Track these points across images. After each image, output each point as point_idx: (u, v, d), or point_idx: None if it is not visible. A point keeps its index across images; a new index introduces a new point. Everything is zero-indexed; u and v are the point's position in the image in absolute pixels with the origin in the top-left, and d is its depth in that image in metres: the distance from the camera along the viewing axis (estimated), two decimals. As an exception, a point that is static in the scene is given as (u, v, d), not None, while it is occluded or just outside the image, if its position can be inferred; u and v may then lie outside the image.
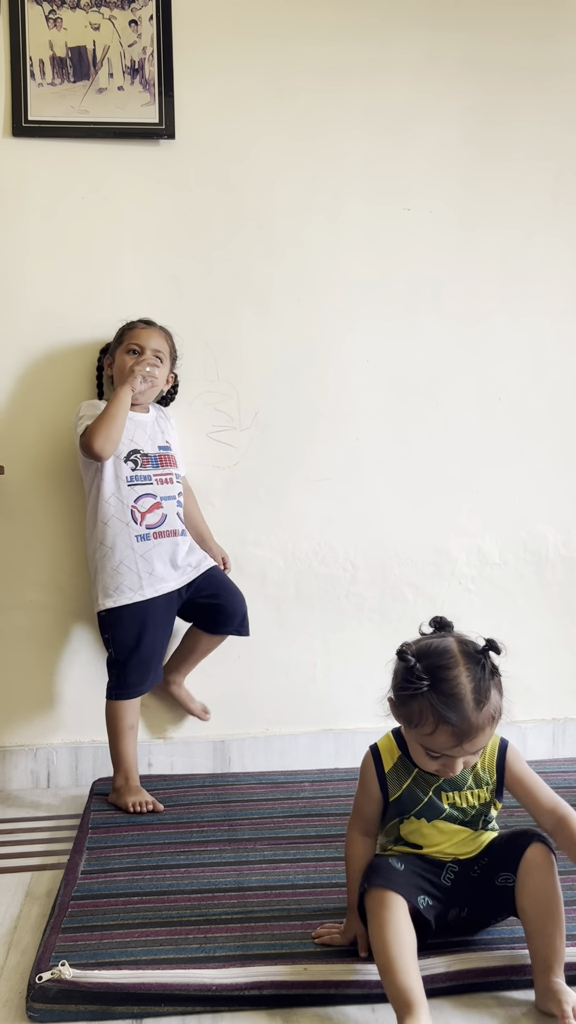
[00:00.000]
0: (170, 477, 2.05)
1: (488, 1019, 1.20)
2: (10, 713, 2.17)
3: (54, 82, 2.14)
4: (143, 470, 2.02)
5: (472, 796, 1.32)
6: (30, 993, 1.22)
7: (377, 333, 2.26)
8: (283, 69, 2.21)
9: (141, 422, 2.06)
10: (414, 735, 1.25)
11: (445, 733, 1.20)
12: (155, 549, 1.99)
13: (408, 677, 1.21)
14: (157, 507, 2.01)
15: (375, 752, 1.35)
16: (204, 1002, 1.22)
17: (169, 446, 2.09)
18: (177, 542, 2.02)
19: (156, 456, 2.05)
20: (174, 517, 2.03)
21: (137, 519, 1.99)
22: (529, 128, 2.29)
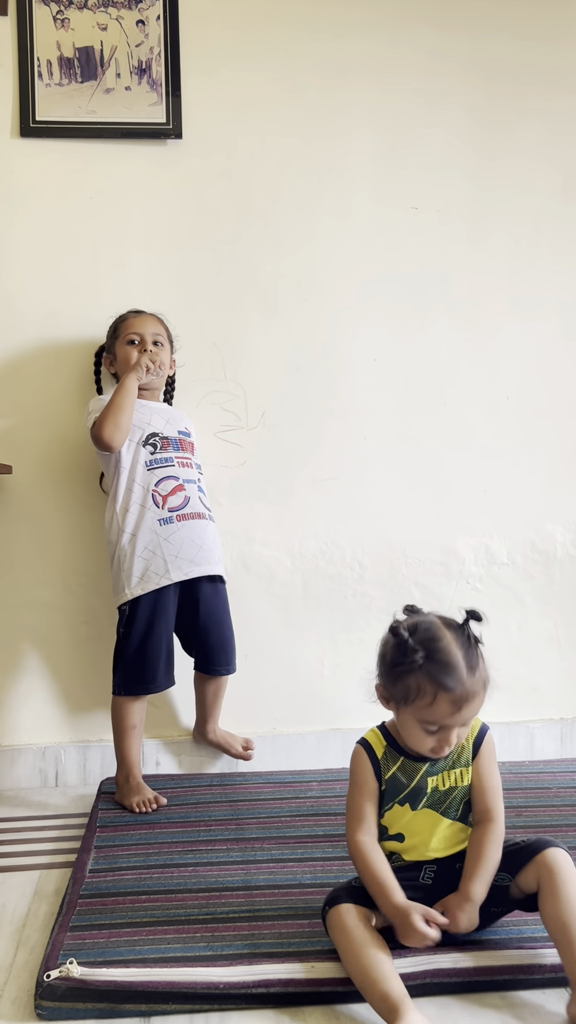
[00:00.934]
0: (190, 462, 2.04)
1: (495, 1018, 1.19)
2: (18, 712, 2.17)
3: (62, 82, 2.14)
4: (163, 452, 2.00)
5: (453, 776, 1.33)
6: (38, 991, 1.22)
7: (385, 332, 2.26)
8: (290, 68, 2.22)
9: (156, 409, 2.06)
10: (411, 712, 1.26)
11: (444, 701, 1.23)
12: (179, 532, 1.96)
13: (403, 652, 1.25)
14: (179, 489, 1.98)
15: (364, 743, 1.36)
16: (212, 1000, 1.22)
17: (188, 433, 2.07)
18: (205, 526, 2.00)
19: (176, 440, 2.03)
20: (197, 500, 2.00)
21: (159, 503, 1.96)
22: (536, 126, 2.29)
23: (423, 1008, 1.20)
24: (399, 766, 1.34)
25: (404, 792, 1.33)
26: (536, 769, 2.13)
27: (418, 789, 1.33)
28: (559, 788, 1.99)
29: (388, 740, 1.36)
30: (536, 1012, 1.21)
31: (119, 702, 1.98)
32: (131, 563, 1.95)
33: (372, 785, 1.34)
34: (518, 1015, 1.20)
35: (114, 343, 2.06)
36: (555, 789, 1.98)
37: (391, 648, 1.28)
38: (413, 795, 1.33)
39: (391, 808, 1.34)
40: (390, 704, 1.31)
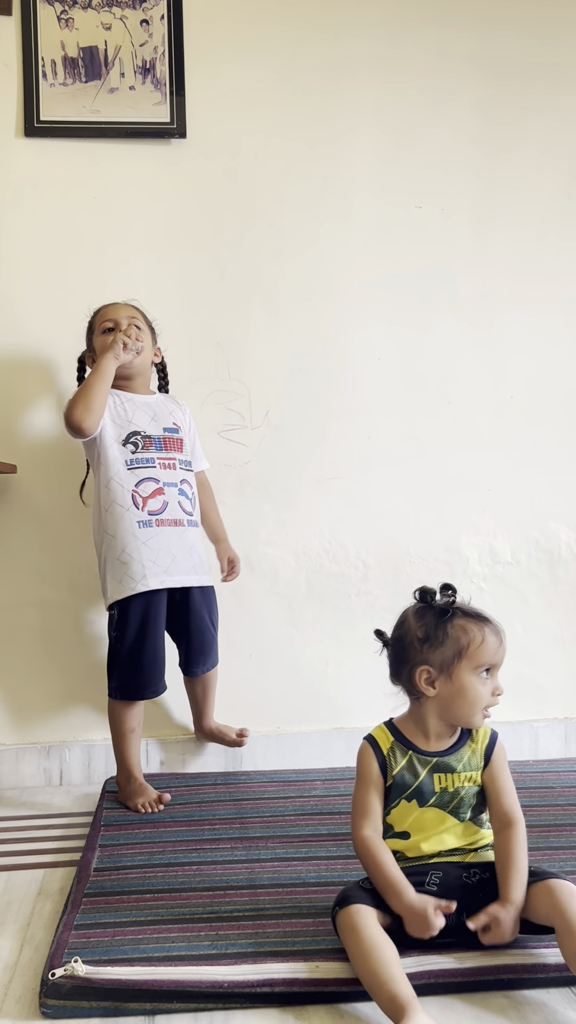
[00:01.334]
0: (174, 462, 1.96)
1: (499, 1018, 1.19)
2: (23, 711, 2.18)
3: (66, 82, 2.15)
4: (145, 452, 1.93)
5: (461, 779, 1.34)
6: (43, 989, 1.22)
7: (388, 331, 2.26)
8: (294, 67, 2.22)
9: (142, 403, 1.99)
10: (466, 664, 1.31)
11: (492, 633, 1.33)
12: (158, 537, 1.91)
13: (440, 611, 1.33)
14: (159, 492, 1.92)
15: (370, 739, 1.37)
16: (216, 999, 1.22)
17: (177, 429, 2.00)
18: (183, 533, 1.94)
19: (160, 439, 1.96)
20: (176, 506, 1.94)
21: (139, 504, 1.91)
22: (541, 124, 2.29)
23: (427, 1007, 1.20)
24: (407, 761, 1.34)
25: (411, 788, 1.33)
26: (540, 769, 2.13)
27: (424, 785, 1.33)
28: (563, 787, 1.99)
29: (396, 735, 1.36)
30: (540, 1011, 1.20)
31: (116, 706, 1.96)
32: (113, 566, 1.91)
33: (378, 780, 1.34)
34: (522, 1014, 1.20)
35: (92, 338, 2.01)
36: (559, 788, 1.98)
37: (425, 621, 1.33)
38: (420, 791, 1.33)
39: (398, 804, 1.34)
40: (437, 682, 1.32)
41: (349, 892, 1.29)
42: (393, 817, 1.35)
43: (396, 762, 1.34)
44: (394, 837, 1.35)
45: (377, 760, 1.35)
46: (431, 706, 1.34)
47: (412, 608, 1.37)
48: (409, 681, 1.34)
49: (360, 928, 1.20)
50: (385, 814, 1.35)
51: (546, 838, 1.67)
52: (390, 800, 1.34)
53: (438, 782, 1.34)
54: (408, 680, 1.34)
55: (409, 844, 1.34)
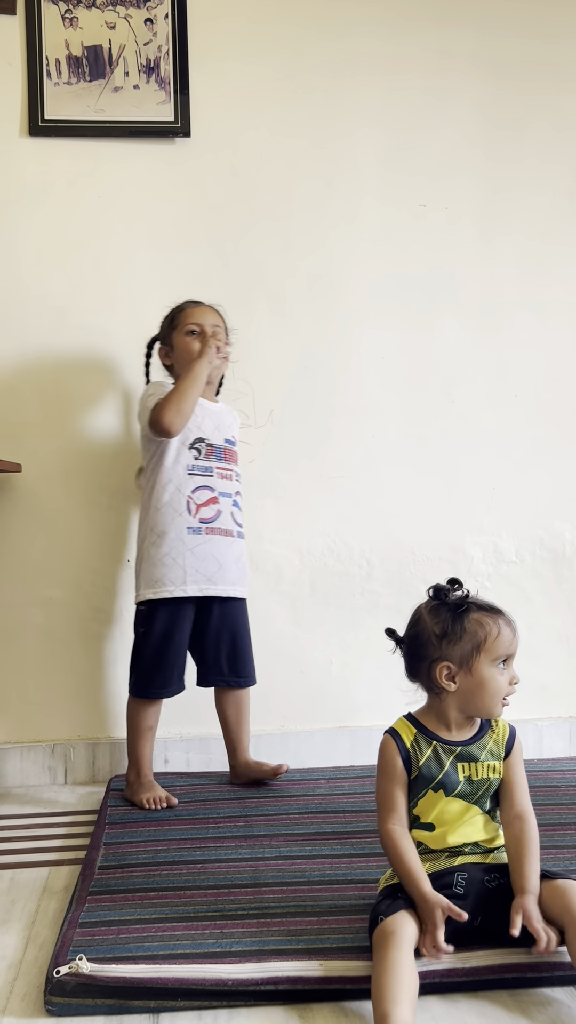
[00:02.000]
0: (230, 474, 1.99)
1: (503, 1016, 1.19)
2: (28, 709, 2.18)
3: (70, 81, 2.15)
4: (206, 460, 1.94)
5: (485, 768, 1.35)
6: (48, 987, 1.23)
7: (393, 330, 2.26)
8: (298, 66, 2.22)
9: (210, 410, 1.99)
10: (485, 656, 1.32)
11: (506, 625, 1.34)
12: (205, 545, 1.93)
13: (455, 606, 1.35)
14: (213, 502, 1.94)
15: (392, 732, 1.37)
16: (220, 997, 1.22)
17: (234, 441, 2.02)
18: (229, 544, 1.95)
19: (221, 449, 1.97)
20: (228, 516, 1.96)
21: (192, 510, 1.92)
22: (545, 123, 2.29)
23: (430, 1006, 1.20)
24: (432, 751, 1.35)
25: (437, 778, 1.34)
26: (544, 767, 2.12)
27: (449, 775, 1.34)
28: (567, 786, 1.99)
29: (418, 726, 1.37)
30: (544, 1011, 1.20)
31: (135, 703, 1.97)
32: (152, 565, 1.92)
33: (401, 773, 1.34)
34: (527, 1013, 1.20)
35: (171, 334, 1.98)
36: (564, 787, 1.98)
37: (441, 618, 1.35)
38: (445, 781, 1.34)
39: (425, 795, 1.34)
40: (457, 676, 1.33)
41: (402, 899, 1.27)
42: (420, 808, 1.35)
43: (421, 753, 1.35)
44: (420, 828, 1.35)
45: (400, 753, 1.35)
46: (452, 700, 1.35)
47: (426, 606, 1.38)
48: (428, 677, 1.35)
49: (393, 944, 1.18)
50: (412, 806, 1.35)
51: (550, 837, 1.66)
52: (416, 791, 1.35)
53: (462, 771, 1.34)
54: (427, 676, 1.35)
55: (434, 835, 1.35)
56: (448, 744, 1.35)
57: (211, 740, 2.19)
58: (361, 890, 1.48)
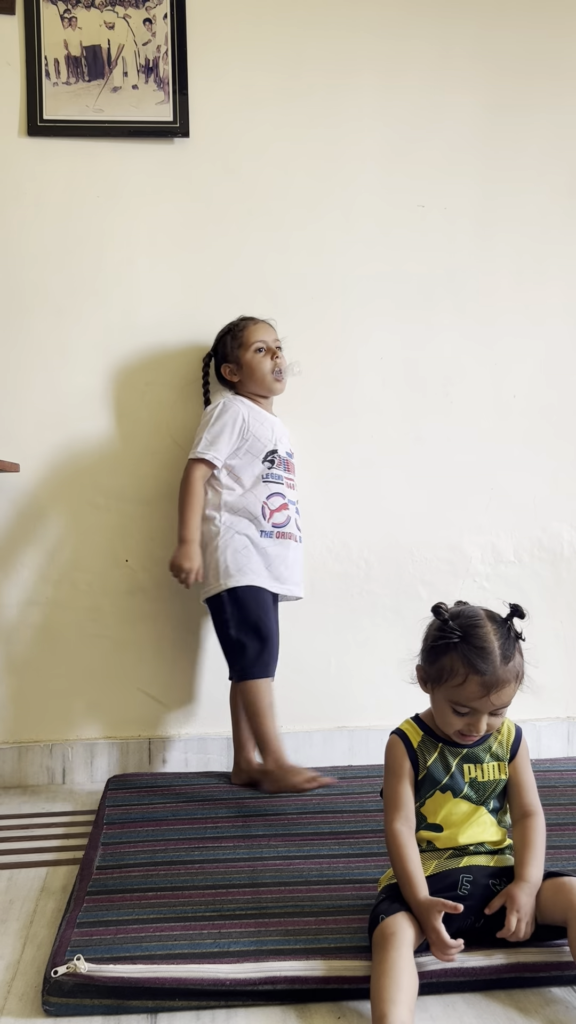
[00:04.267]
0: (294, 483, 2.10)
1: (500, 1015, 1.20)
2: (26, 709, 2.18)
3: (69, 81, 2.15)
4: (277, 469, 2.06)
5: (491, 769, 1.36)
6: (46, 987, 1.23)
7: (391, 330, 2.26)
8: (297, 66, 2.22)
9: (275, 424, 2.11)
10: (443, 692, 1.30)
11: (474, 683, 1.27)
12: (277, 548, 2.02)
13: (442, 630, 1.30)
14: (284, 508, 2.05)
15: (399, 732, 1.38)
16: (218, 997, 1.22)
17: (292, 453, 2.13)
18: (294, 548, 2.06)
19: (286, 461, 2.09)
20: (294, 523, 2.07)
21: (266, 515, 2.02)
22: (544, 122, 2.29)
23: (429, 1006, 1.20)
24: (438, 753, 1.35)
25: (444, 780, 1.34)
26: (543, 768, 2.12)
27: (456, 776, 1.34)
28: (565, 786, 1.99)
29: (424, 729, 1.37)
30: (543, 1010, 1.21)
31: (254, 685, 1.94)
32: (228, 556, 1.98)
33: (409, 771, 1.34)
34: (525, 1012, 1.20)
35: (236, 351, 2.08)
36: (561, 788, 1.98)
37: (432, 629, 1.34)
38: (452, 783, 1.34)
39: (432, 796, 1.35)
40: (427, 686, 1.34)
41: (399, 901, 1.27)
42: (427, 808, 1.35)
43: (428, 755, 1.35)
44: (427, 829, 1.35)
45: (408, 754, 1.35)
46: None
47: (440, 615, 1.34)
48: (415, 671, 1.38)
49: (392, 945, 1.18)
50: (420, 805, 1.35)
51: (548, 837, 1.65)
52: (423, 792, 1.35)
53: (467, 772, 1.35)
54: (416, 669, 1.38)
55: (443, 836, 1.35)
56: (454, 746, 1.35)
57: (209, 740, 2.19)
58: (359, 890, 1.49)
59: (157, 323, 2.16)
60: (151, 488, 2.19)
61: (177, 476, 2.14)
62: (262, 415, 2.08)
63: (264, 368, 2.06)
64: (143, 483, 2.19)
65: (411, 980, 1.15)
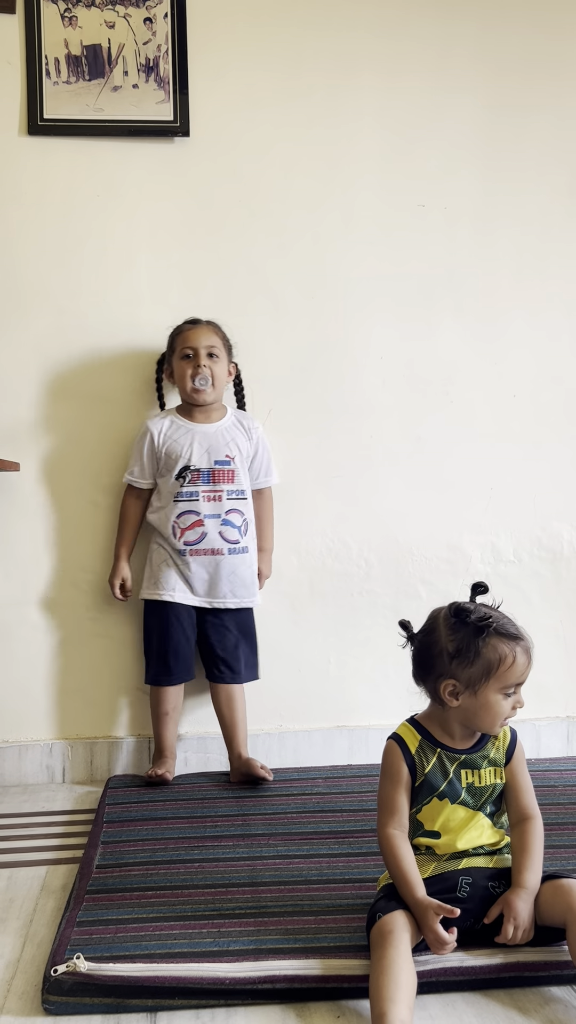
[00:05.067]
0: (220, 494, 2.05)
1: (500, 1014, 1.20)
2: (25, 708, 2.18)
3: (69, 80, 2.15)
4: (192, 485, 2.05)
5: (488, 775, 1.35)
6: (45, 985, 1.23)
7: (391, 330, 2.26)
8: (297, 65, 2.22)
9: (200, 434, 2.07)
10: (494, 684, 1.30)
11: (523, 653, 1.31)
12: (191, 564, 2.04)
13: (476, 630, 1.30)
14: (198, 524, 2.04)
15: (397, 738, 1.37)
16: (218, 995, 1.22)
17: (229, 460, 2.07)
18: (217, 562, 2.04)
19: (209, 472, 2.06)
20: (216, 536, 2.04)
21: (176, 534, 2.04)
22: (544, 122, 2.29)
23: (428, 1005, 1.20)
24: (436, 759, 1.34)
25: (442, 786, 1.33)
26: (542, 767, 2.13)
27: (454, 783, 1.34)
28: (565, 786, 1.99)
29: (423, 734, 1.36)
30: (541, 1010, 1.21)
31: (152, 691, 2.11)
32: (151, 569, 2.09)
33: (406, 778, 1.33)
34: (524, 1011, 1.20)
35: (171, 356, 2.09)
36: (561, 787, 1.98)
37: (457, 636, 1.31)
38: (450, 789, 1.33)
39: (429, 802, 1.34)
40: (461, 695, 1.31)
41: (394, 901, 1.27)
42: (424, 815, 1.35)
43: (427, 761, 1.34)
44: (425, 835, 1.35)
45: (405, 760, 1.34)
46: (454, 713, 1.34)
47: (444, 616, 1.34)
48: (434, 690, 1.34)
49: (390, 944, 1.18)
50: (416, 811, 1.35)
51: (548, 837, 1.65)
52: (420, 798, 1.34)
53: (465, 778, 1.34)
54: (433, 687, 1.34)
55: (441, 843, 1.34)
56: (452, 752, 1.35)
57: (208, 740, 2.19)
58: (359, 889, 1.49)
59: (157, 323, 2.15)
60: (151, 487, 2.19)
61: (177, 475, 2.16)
62: (183, 429, 2.07)
63: (184, 376, 2.04)
64: (143, 482, 2.19)
65: (409, 978, 1.15)
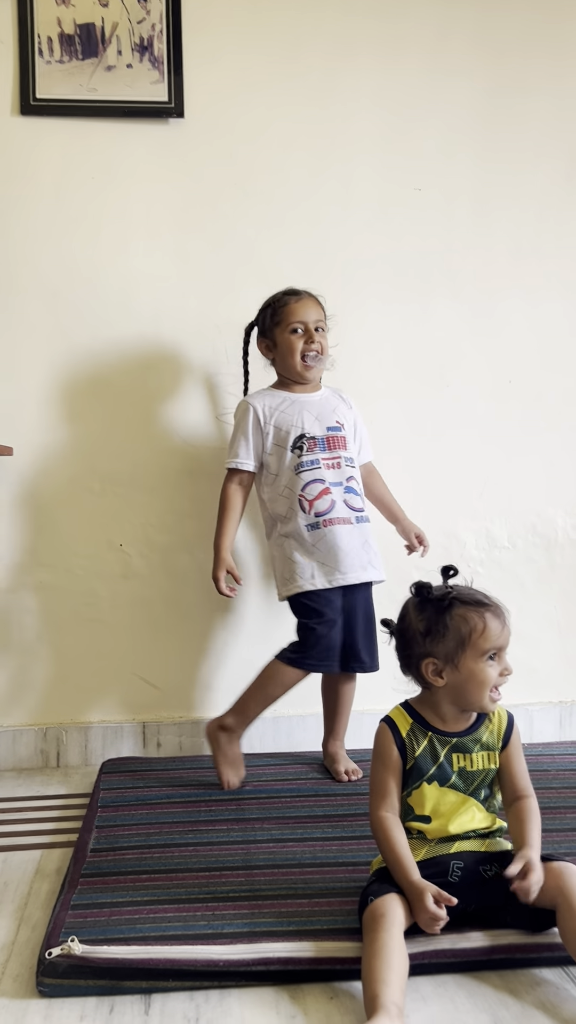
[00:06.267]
0: (339, 460, 1.95)
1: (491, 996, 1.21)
2: (20, 693, 2.18)
3: (62, 59, 2.12)
4: (310, 454, 1.94)
5: (480, 759, 1.35)
6: (40, 968, 1.24)
7: (387, 314, 2.25)
8: (293, 47, 2.19)
9: (308, 403, 1.98)
10: (471, 653, 1.31)
11: (494, 618, 1.32)
12: (325, 538, 1.91)
13: (437, 604, 1.33)
14: (326, 493, 1.92)
15: (389, 721, 1.38)
16: (212, 977, 1.23)
17: (340, 427, 1.99)
18: (350, 531, 1.92)
19: (324, 439, 1.96)
20: (342, 504, 1.93)
21: (306, 508, 1.92)
22: (543, 105, 2.27)
23: (420, 986, 1.21)
24: (427, 743, 1.35)
25: (432, 770, 1.34)
26: (535, 752, 2.14)
27: (444, 767, 1.34)
28: (558, 770, 2.00)
29: (414, 717, 1.37)
30: (533, 991, 1.22)
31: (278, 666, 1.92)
32: (284, 564, 1.94)
33: (396, 761, 1.34)
34: (515, 993, 1.21)
35: (274, 328, 1.97)
36: (554, 771, 1.99)
37: (425, 615, 1.34)
38: (440, 773, 1.34)
39: (419, 787, 1.34)
40: (444, 672, 1.33)
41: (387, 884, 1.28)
42: (414, 799, 1.35)
43: (417, 744, 1.35)
44: (416, 820, 1.35)
45: (396, 743, 1.35)
46: (443, 694, 1.35)
47: (412, 601, 1.38)
48: (417, 674, 1.36)
49: (382, 926, 1.19)
50: (406, 795, 1.36)
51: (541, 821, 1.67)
52: (411, 782, 1.35)
53: (456, 762, 1.35)
54: (416, 672, 1.36)
55: (432, 827, 1.35)
56: (444, 735, 1.36)
57: (203, 724, 2.19)
58: (352, 872, 1.50)
59: (152, 305, 2.14)
60: (146, 473, 2.19)
61: (173, 460, 2.15)
62: (288, 400, 1.98)
63: (295, 352, 1.94)
64: (138, 468, 2.19)
65: (402, 960, 1.16)
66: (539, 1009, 1.17)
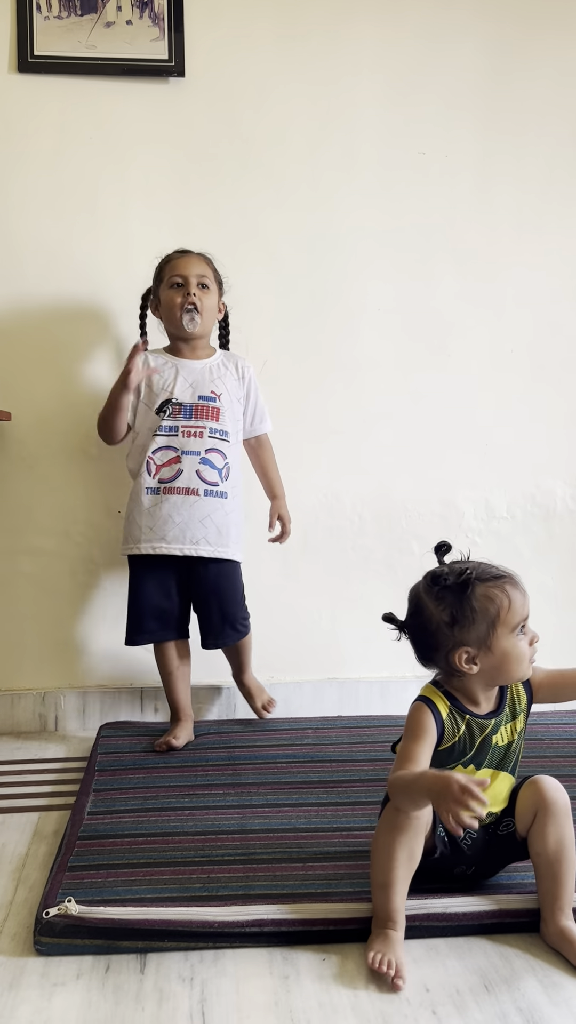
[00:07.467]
0: (201, 431, 1.94)
1: (481, 959, 1.23)
2: (18, 658, 2.19)
3: (61, 15, 2.08)
4: (172, 420, 1.94)
5: (509, 730, 1.34)
6: (37, 927, 1.25)
7: (389, 282, 2.22)
8: (296, 6, 2.14)
9: (187, 368, 1.98)
10: (502, 630, 1.26)
11: (515, 591, 1.28)
12: (162, 505, 1.93)
13: (460, 587, 1.27)
14: (175, 461, 1.94)
15: (427, 701, 1.30)
16: (206, 938, 1.25)
17: (215, 397, 1.97)
18: (191, 503, 1.93)
19: (192, 406, 1.95)
20: (192, 474, 1.93)
21: (151, 471, 1.94)
22: (549, 70, 2.23)
23: (411, 949, 1.23)
24: (466, 727, 1.30)
25: (470, 754, 1.30)
26: (529, 721, 2.15)
27: (483, 748, 1.31)
28: (552, 740, 2.02)
29: (451, 700, 1.31)
30: (522, 956, 1.24)
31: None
32: (126, 523, 2.00)
33: (433, 735, 1.27)
34: (505, 958, 1.23)
35: (159, 286, 1.97)
36: (548, 741, 2.01)
37: (446, 603, 1.27)
38: (478, 755, 1.31)
39: (454, 768, 1.28)
40: (479, 655, 1.27)
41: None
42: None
43: (457, 728, 1.29)
44: None
45: (436, 722, 1.28)
46: (476, 679, 1.29)
47: (424, 591, 1.29)
48: (448, 663, 1.28)
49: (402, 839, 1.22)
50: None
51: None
52: (445, 764, 1.29)
53: (492, 742, 1.31)
54: (446, 663, 1.29)
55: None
56: (480, 718, 1.31)
57: (200, 690, 2.21)
58: (345, 838, 1.51)
59: (151, 269, 2.11)
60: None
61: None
62: (171, 364, 1.98)
63: (174, 306, 1.92)
64: (136, 434, 2.18)
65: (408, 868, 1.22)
66: (529, 973, 1.19)
